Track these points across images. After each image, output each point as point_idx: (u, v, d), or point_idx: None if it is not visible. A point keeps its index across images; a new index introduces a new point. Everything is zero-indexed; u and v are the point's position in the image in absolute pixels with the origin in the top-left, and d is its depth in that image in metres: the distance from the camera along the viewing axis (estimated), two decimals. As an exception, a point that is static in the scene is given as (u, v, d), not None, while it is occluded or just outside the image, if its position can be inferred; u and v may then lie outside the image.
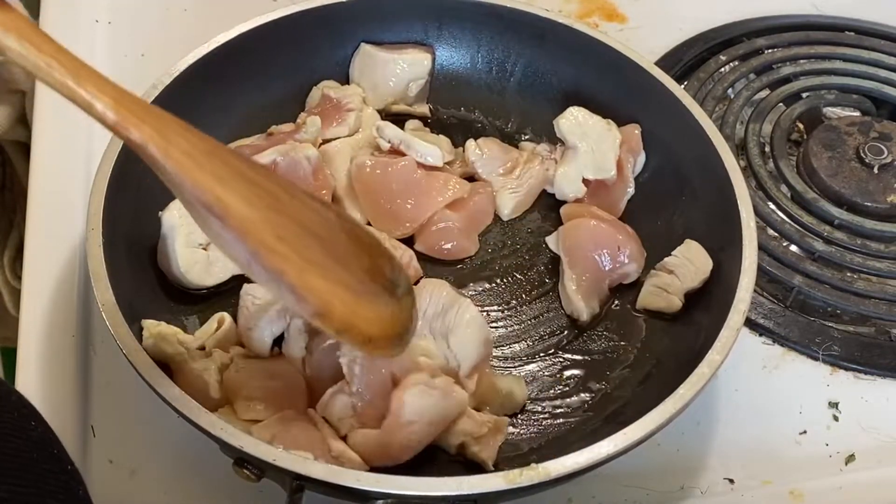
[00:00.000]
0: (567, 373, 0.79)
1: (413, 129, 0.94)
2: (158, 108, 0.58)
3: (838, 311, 0.89)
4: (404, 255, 0.81)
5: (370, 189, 0.85)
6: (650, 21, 1.14)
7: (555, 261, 0.85)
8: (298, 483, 0.62)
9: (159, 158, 0.56)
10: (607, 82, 0.91)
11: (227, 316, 0.77)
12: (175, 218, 0.78)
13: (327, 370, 0.72)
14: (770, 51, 1.10)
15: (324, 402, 0.70)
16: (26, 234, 0.86)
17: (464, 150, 0.91)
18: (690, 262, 0.80)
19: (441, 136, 0.93)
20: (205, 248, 0.80)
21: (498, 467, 0.71)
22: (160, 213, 0.79)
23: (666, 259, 0.81)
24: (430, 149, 0.87)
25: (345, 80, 0.95)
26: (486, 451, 0.70)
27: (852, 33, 1.13)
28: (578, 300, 0.81)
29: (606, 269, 0.83)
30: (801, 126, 1.04)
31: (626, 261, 0.83)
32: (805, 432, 0.80)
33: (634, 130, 0.89)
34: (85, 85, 0.54)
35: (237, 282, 0.81)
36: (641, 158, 0.89)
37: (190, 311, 0.79)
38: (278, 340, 0.76)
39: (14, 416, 0.53)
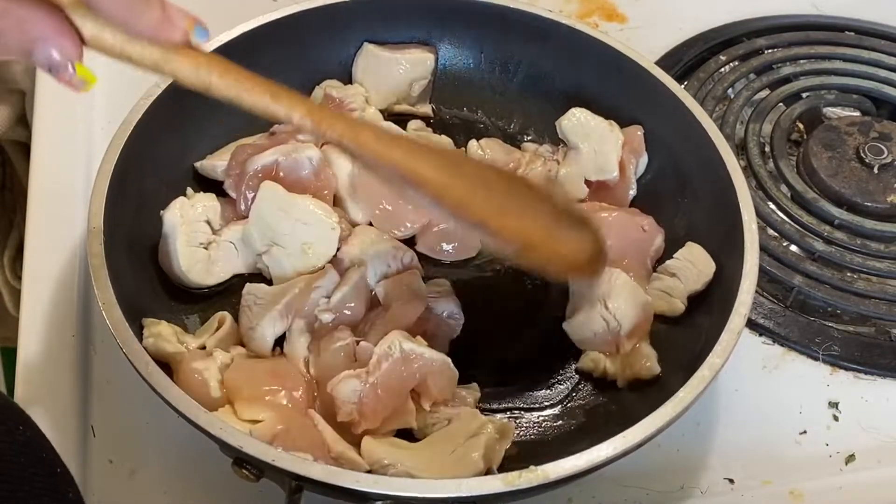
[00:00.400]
0: (567, 374, 0.79)
1: (415, 129, 0.94)
2: (343, 112, 0.72)
3: (838, 311, 0.89)
4: (405, 255, 0.81)
5: (372, 189, 0.85)
6: (650, 21, 1.14)
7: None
8: (297, 483, 0.62)
9: (355, 150, 0.64)
10: (608, 82, 0.91)
11: (227, 315, 0.77)
12: (177, 217, 0.78)
13: (335, 371, 0.72)
14: (770, 51, 1.10)
15: (337, 379, 0.71)
16: (26, 234, 0.86)
17: (466, 151, 0.91)
18: (693, 265, 0.80)
19: (443, 137, 0.93)
20: (206, 248, 0.80)
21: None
22: (161, 212, 0.79)
23: (668, 262, 0.81)
24: None
25: (348, 79, 0.95)
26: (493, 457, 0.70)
27: (852, 33, 1.13)
28: (638, 290, 0.79)
29: (643, 249, 0.83)
30: (801, 126, 1.04)
31: (654, 233, 0.84)
32: (805, 432, 0.80)
33: (637, 132, 0.89)
34: (281, 102, 0.62)
35: (238, 281, 0.81)
36: (644, 159, 0.89)
37: (191, 310, 0.80)
38: (279, 340, 0.76)
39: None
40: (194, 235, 0.79)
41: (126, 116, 0.79)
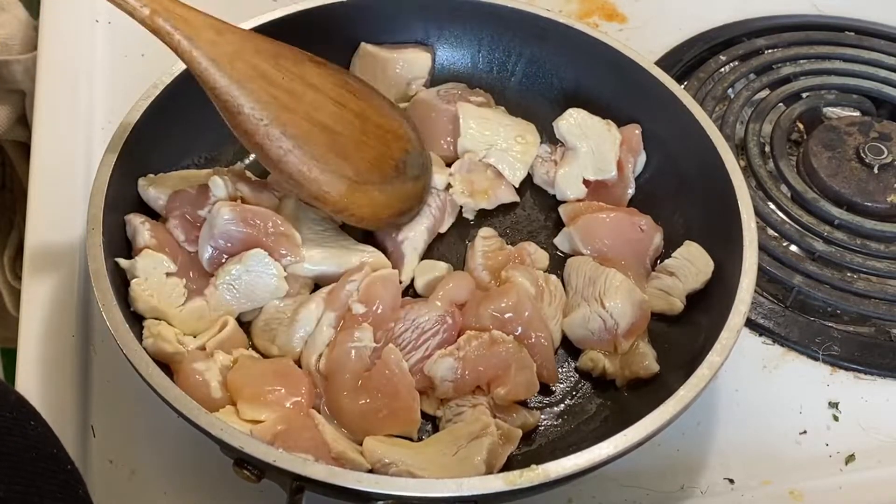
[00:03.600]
0: (567, 373, 0.79)
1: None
2: (198, 11, 0.71)
3: (838, 311, 0.89)
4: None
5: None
6: (650, 21, 1.14)
7: (559, 263, 0.85)
8: (299, 484, 0.62)
9: (187, 62, 0.70)
10: (608, 82, 0.91)
11: (230, 318, 0.77)
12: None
13: (343, 369, 0.73)
14: (770, 51, 1.10)
15: (433, 360, 0.73)
16: (26, 234, 0.86)
17: None
18: (691, 264, 0.80)
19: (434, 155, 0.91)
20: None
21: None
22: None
23: (666, 261, 0.81)
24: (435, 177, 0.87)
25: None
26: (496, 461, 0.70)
27: (852, 33, 1.13)
28: (635, 289, 0.79)
29: (641, 249, 0.83)
30: (801, 126, 1.04)
31: (652, 232, 0.84)
32: (805, 432, 0.80)
33: (634, 130, 0.89)
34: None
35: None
36: (642, 158, 0.89)
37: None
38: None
39: (13, 416, 0.53)
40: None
41: (125, 117, 0.79)
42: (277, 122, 0.72)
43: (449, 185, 0.88)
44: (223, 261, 0.77)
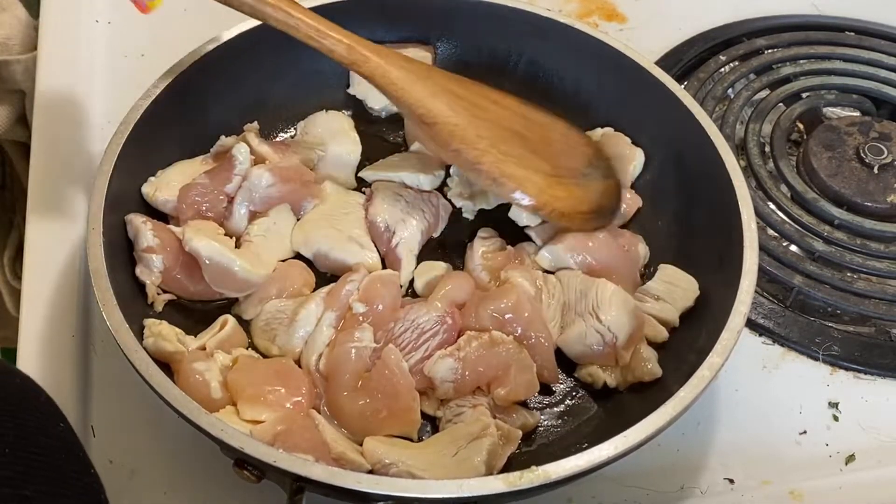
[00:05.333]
0: (567, 374, 0.79)
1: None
2: (384, 47, 0.80)
3: (838, 311, 0.89)
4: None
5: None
6: (650, 21, 1.14)
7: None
8: (299, 484, 0.62)
9: (384, 84, 0.78)
10: (608, 82, 0.91)
11: (230, 318, 0.77)
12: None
13: (343, 369, 0.73)
14: (770, 51, 1.10)
15: (433, 361, 0.73)
16: (26, 234, 0.86)
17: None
18: (675, 286, 0.79)
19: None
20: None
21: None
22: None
23: (648, 284, 0.81)
24: (422, 178, 0.87)
25: (346, 79, 0.95)
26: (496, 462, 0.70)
27: (852, 33, 1.13)
28: (628, 298, 0.79)
29: (630, 264, 0.83)
30: (801, 126, 1.04)
31: (635, 246, 0.84)
32: (805, 432, 0.80)
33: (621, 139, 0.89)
34: (327, 36, 0.77)
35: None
36: (641, 159, 0.89)
37: (191, 310, 0.79)
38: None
39: (42, 416, 0.52)
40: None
41: (125, 116, 0.79)
42: (470, 126, 0.78)
43: (443, 186, 0.88)
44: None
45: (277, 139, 0.92)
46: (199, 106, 0.86)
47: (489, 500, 0.62)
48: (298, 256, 0.83)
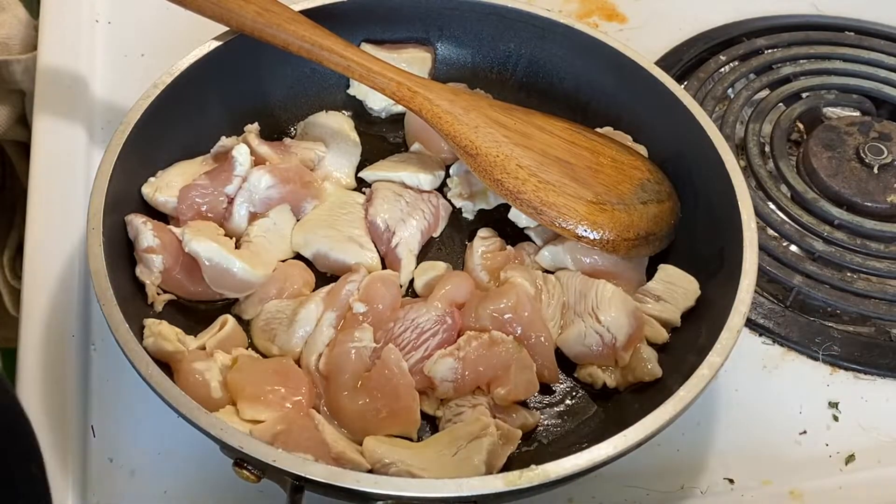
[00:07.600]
0: (567, 374, 0.79)
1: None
2: (430, 80, 0.85)
3: (838, 311, 0.89)
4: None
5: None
6: (650, 21, 1.14)
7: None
8: (298, 484, 0.62)
9: (430, 118, 0.82)
10: (608, 82, 0.91)
11: (230, 317, 0.77)
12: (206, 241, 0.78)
13: (342, 369, 0.73)
14: (770, 51, 1.10)
15: (432, 360, 0.73)
16: (26, 234, 0.86)
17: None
18: (675, 286, 0.79)
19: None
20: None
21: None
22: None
23: (648, 284, 0.81)
24: (422, 178, 0.88)
25: (346, 79, 0.95)
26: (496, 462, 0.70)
27: (852, 33, 1.13)
28: (627, 298, 0.79)
29: (636, 267, 0.83)
30: (801, 126, 1.04)
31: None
32: (805, 432, 0.80)
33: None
34: (378, 75, 0.82)
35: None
36: (641, 159, 0.89)
37: (191, 310, 0.79)
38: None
39: None
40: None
41: (125, 117, 0.79)
42: (512, 155, 0.80)
43: (443, 186, 0.88)
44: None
45: (277, 140, 0.92)
46: (199, 106, 0.86)
47: (489, 500, 0.62)
48: (298, 257, 0.83)
